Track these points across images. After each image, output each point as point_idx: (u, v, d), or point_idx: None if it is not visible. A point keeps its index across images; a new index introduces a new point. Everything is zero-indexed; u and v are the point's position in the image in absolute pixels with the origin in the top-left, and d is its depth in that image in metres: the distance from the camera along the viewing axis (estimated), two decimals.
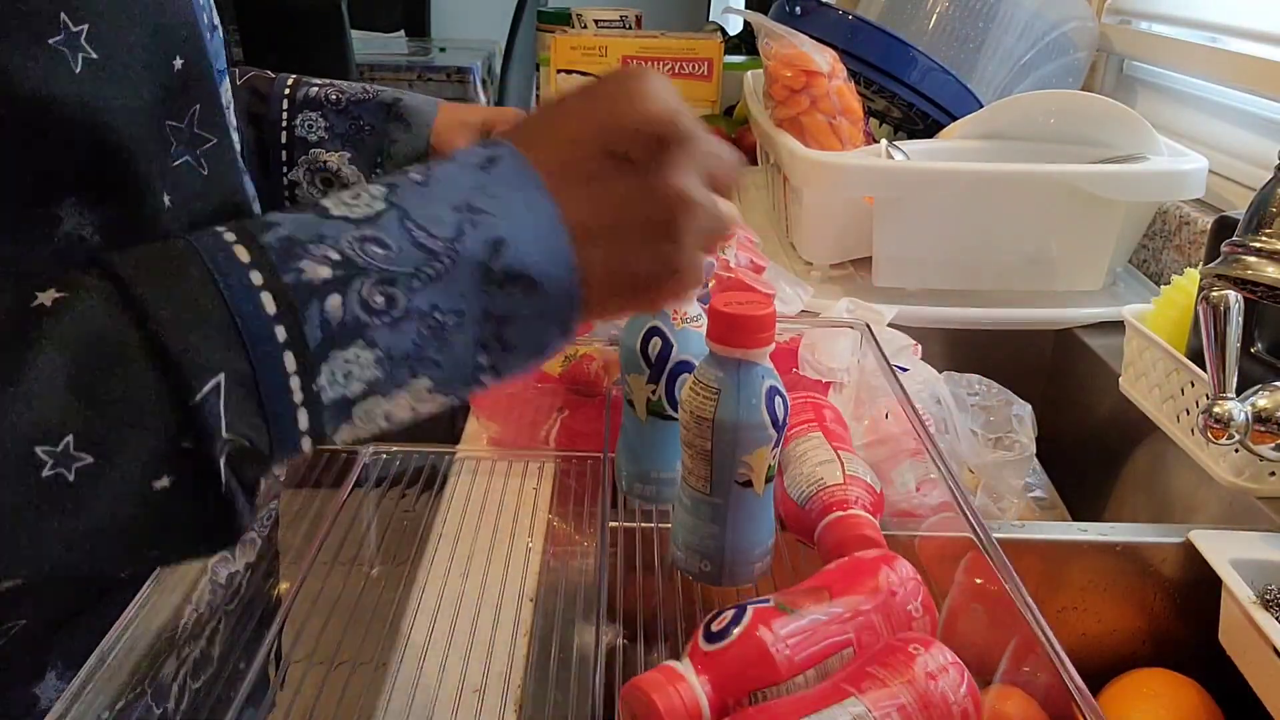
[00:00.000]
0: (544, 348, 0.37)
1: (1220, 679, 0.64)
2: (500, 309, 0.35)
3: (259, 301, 0.32)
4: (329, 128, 0.76)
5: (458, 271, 0.34)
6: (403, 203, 0.35)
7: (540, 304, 0.36)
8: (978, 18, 1.22)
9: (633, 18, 1.94)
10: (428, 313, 0.34)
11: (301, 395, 0.33)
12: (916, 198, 1.00)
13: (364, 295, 0.33)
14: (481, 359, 0.36)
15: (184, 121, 0.47)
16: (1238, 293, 0.62)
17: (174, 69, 0.45)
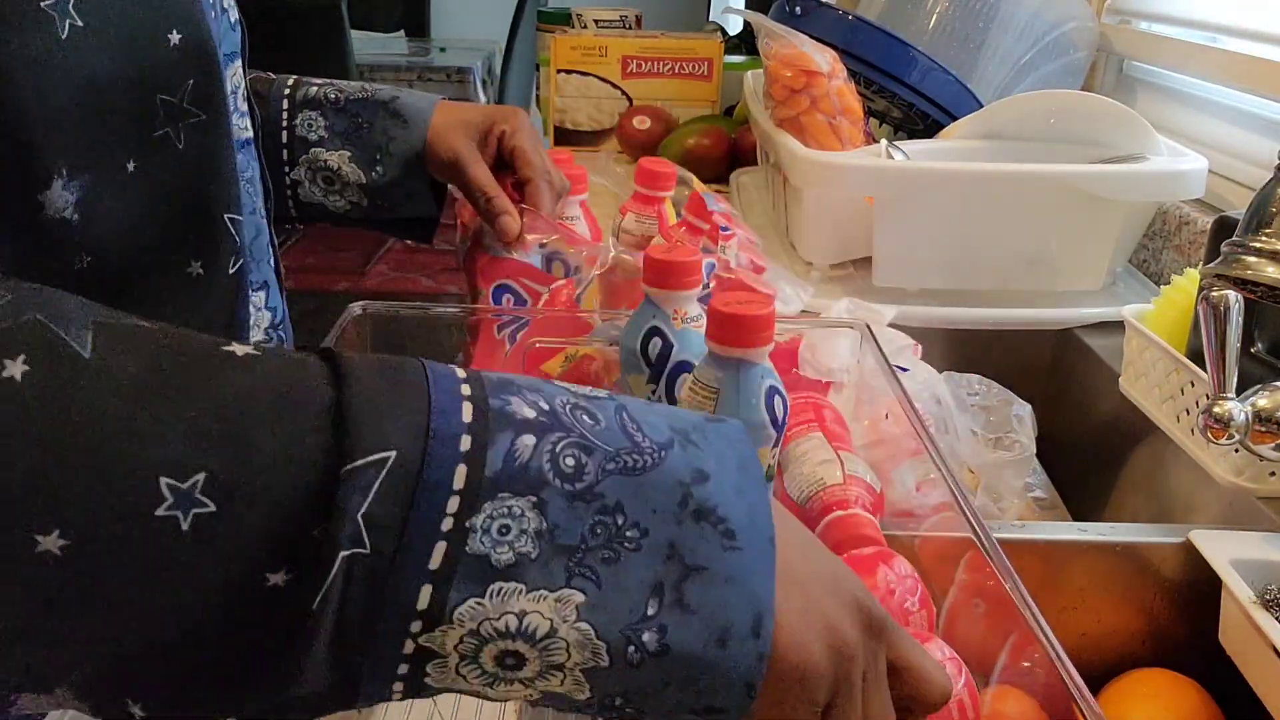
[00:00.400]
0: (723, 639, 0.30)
1: (1220, 679, 0.64)
2: (688, 550, 0.30)
3: (459, 407, 0.29)
4: (329, 126, 0.76)
5: (656, 477, 0.31)
6: (625, 402, 0.33)
7: (731, 565, 0.30)
8: (978, 18, 1.22)
9: (633, 18, 1.93)
10: (610, 508, 0.30)
11: (452, 522, 0.28)
12: (916, 198, 1.00)
13: (556, 450, 0.30)
14: (650, 607, 0.29)
15: (176, 95, 0.46)
16: (1238, 293, 0.62)
17: (170, 43, 0.45)
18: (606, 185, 1.05)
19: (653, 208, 0.88)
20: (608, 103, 1.65)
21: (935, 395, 0.77)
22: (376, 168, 0.77)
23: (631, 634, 0.29)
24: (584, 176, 0.90)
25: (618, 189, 1.03)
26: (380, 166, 0.77)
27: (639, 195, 0.89)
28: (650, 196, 0.89)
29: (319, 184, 0.78)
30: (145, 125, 0.46)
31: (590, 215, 0.91)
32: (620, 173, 1.05)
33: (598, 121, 1.67)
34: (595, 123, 1.67)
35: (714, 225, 0.78)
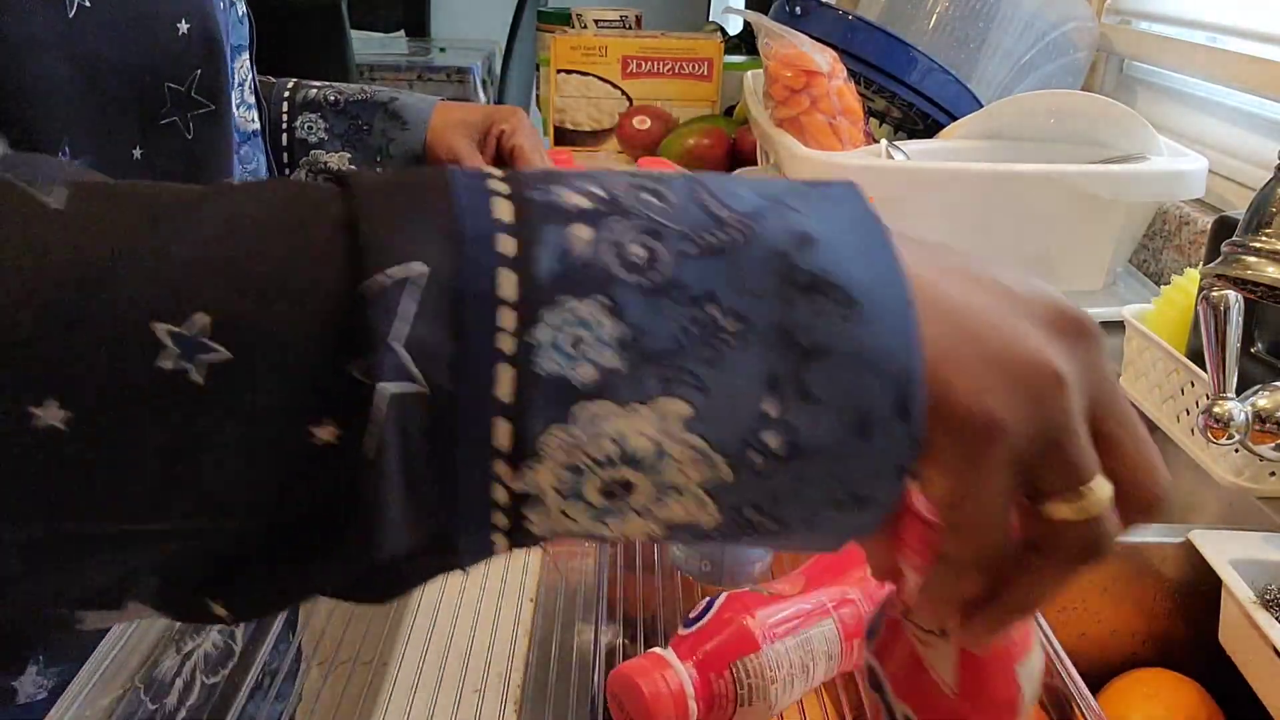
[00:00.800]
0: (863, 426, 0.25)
1: (1220, 679, 0.64)
2: (804, 328, 0.25)
3: (490, 205, 0.24)
4: (328, 129, 0.76)
5: (749, 252, 0.25)
6: (700, 175, 0.28)
7: (859, 338, 0.25)
8: (978, 18, 1.22)
9: (633, 18, 1.94)
10: (700, 297, 0.24)
11: (513, 342, 0.23)
12: (916, 198, 1.00)
13: (622, 240, 0.24)
14: (768, 406, 0.25)
15: (184, 85, 0.47)
16: (1238, 293, 0.62)
17: (179, 32, 0.45)
18: None
19: None
20: (608, 103, 1.65)
21: None
22: (376, 170, 0.78)
23: (752, 439, 0.25)
24: None
25: None
26: (380, 168, 0.78)
27: None
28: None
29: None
30: (152, 111, 0.46)
31: None
32: None
33: (598, 121, 1.67)
34: (595, 123, 1.67)
35: None
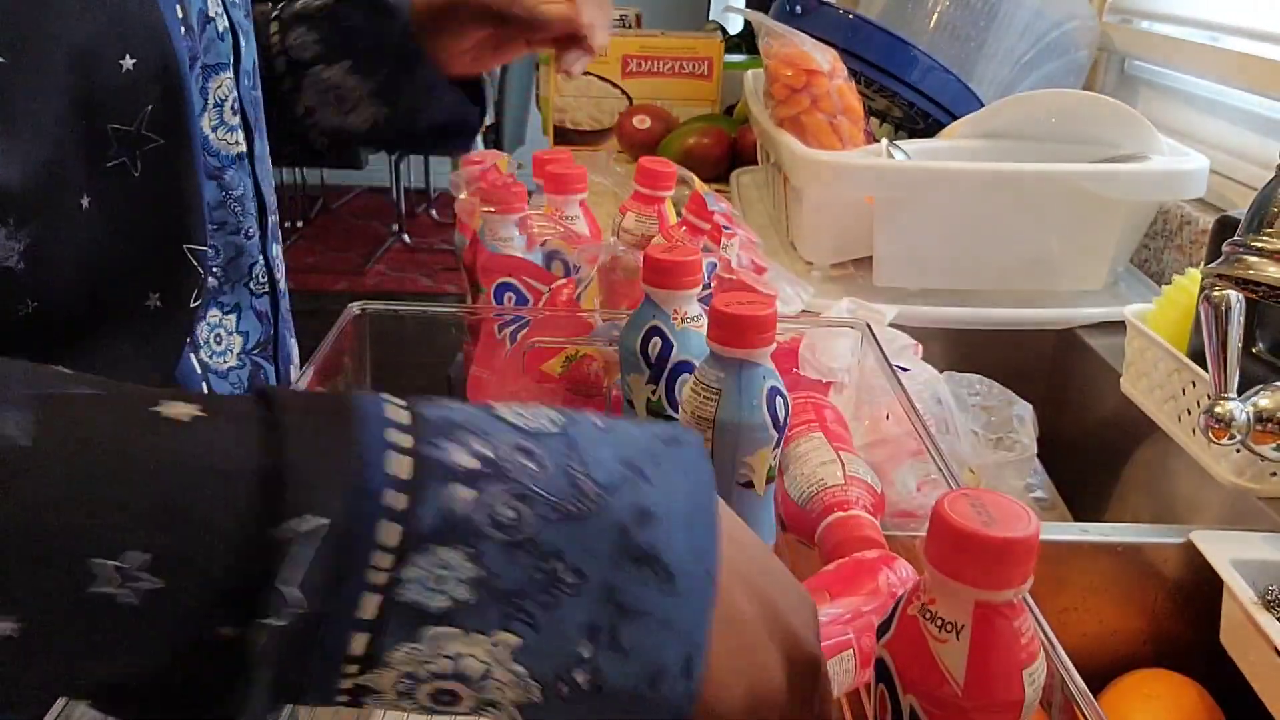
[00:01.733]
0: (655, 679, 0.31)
1: (1221, 680, 0.64)
2: (625, 594, 0.30)
3: (386, 462, 0.29)
4: (321, 39, 0.71)
5: (597, 523, 0.30)
6: (575, 435, 0.32)
7: (668, 608, 0.31)
8: (979, 17, 1.22)
9: (633, 17, 1.93)
10: (548, 554, 0.30)
11: (385, 577, 0.28)
12: (917, 197, 0.99)
13: (494, 504, 0.29)
14: (584, 649, 0.30)
15: (133, 124, 0.44)
16: (1239, 292, 0.61)
17: (122, 69, 0.42)
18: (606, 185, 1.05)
19: (653, 207, 0.88)
20: (608, 102, 1.65)
21: (936, 395, 0.77)
22: (378, 72, 0.71)
23: (565, 674, 0.30)
24: (584, 176, 0.90)
25: (618, 188, 1.03)
26: (383, 68, 0.71)
27: (639, 195, 0.89)
28: (650, 196, 0.88)
29: (331, 104, 0.73)
30: (97, 157, 0.43)
31: (590, 215, 0.91)
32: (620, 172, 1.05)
33: (598, 121, 1.67)
34: (595, 122, 1.67)
35: (715, 225, 0.77)
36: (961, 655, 0.36)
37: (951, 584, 0.35)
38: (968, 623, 0.35)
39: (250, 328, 0.58)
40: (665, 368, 0.61)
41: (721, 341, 0.53)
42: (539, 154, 0.96)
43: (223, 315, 0.56)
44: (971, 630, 0.35)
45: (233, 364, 0.57)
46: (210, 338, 0.55)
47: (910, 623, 0.37)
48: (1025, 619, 0.36)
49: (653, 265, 0.60)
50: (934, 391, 0.77)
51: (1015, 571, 0.35)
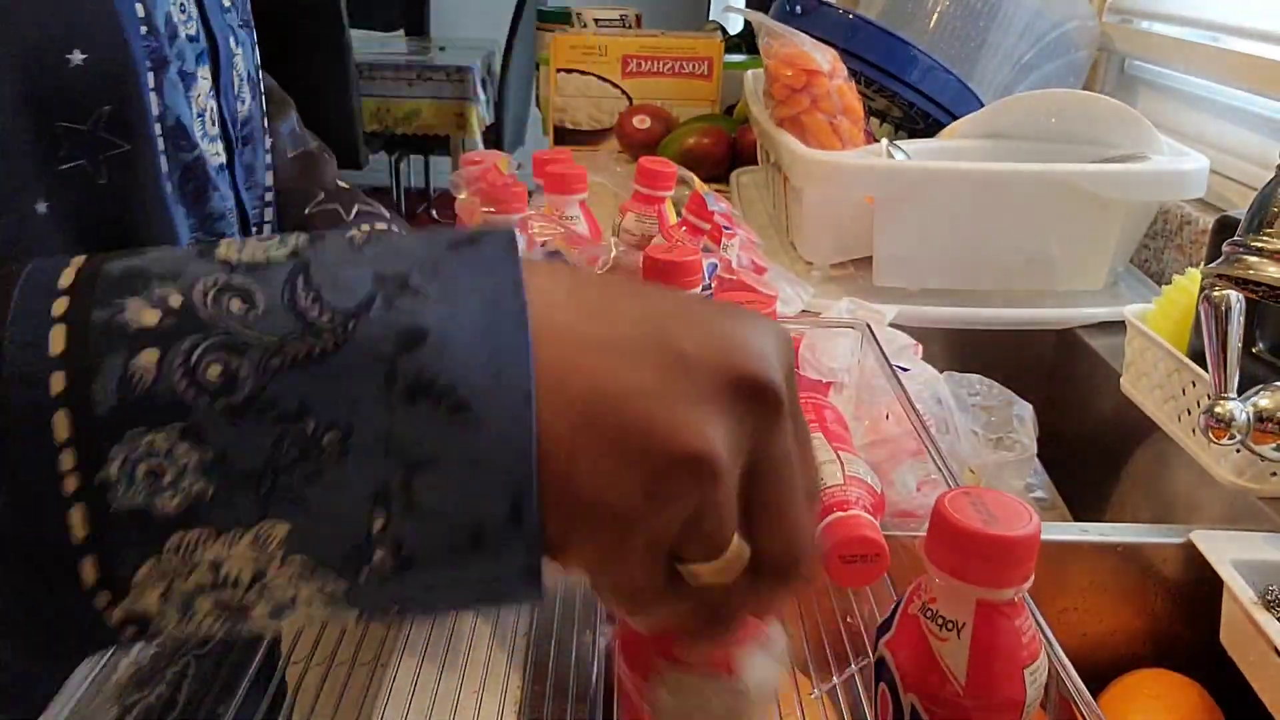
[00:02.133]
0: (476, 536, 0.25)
1: (1221, 680, 0.64)
2: (409, 438, 0.24)
3: (44, 334, 0.24)
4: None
5: (344, 359, 0.24)
6: (312, 258, 0.26)
7: (469, 445, 0.24)
8: (979, 17, 1.22)
9: (633, 17, 1.93)
10: (289, 412, 0.23)
11: (77, 482, 0.23)
12: (917, 197, 0.99)
13: (192, 361, 0.23)
14: (376, 521, 0.24)
15: (86, 123, 0.42)
16: (1239, 292, 0.61)
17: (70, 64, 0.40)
18: (606, 185, 1.05)
19: (653, 207, 0.88)
20: (608, 102, 1.65)
21: (936, 395, 0.77)
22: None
23: (359, 554, 0.24)
24: (584, 176, 0.90)
25: (618, 188, 1.03)
26: None
27: (639, 195, 0.89)
28: (650, 196, 0.89)
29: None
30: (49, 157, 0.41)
31: (590, 215, 0.91)
32: (620, 172, 1.05)
33: (598, 121, 1.67)
34: (595, 122, 1.67)
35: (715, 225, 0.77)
36: (963, 654, 0.36)
37: (953, 582, 0.35)
38: (969, 621, 0.35)
39: None
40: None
41: None
42: (539, 154, 0.96)
43: None
44: (973, 629, 0.35)
45: None
46: None
47: (911, 621, 0.37)
48: (1026, 618, 0.36)
49: (652, 265, 0.60)
50: (934, 391, 0.77)
51: (1016, 570, 0.35)
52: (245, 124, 0.58)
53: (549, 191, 0.89)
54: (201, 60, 0.52)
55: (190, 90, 0.50)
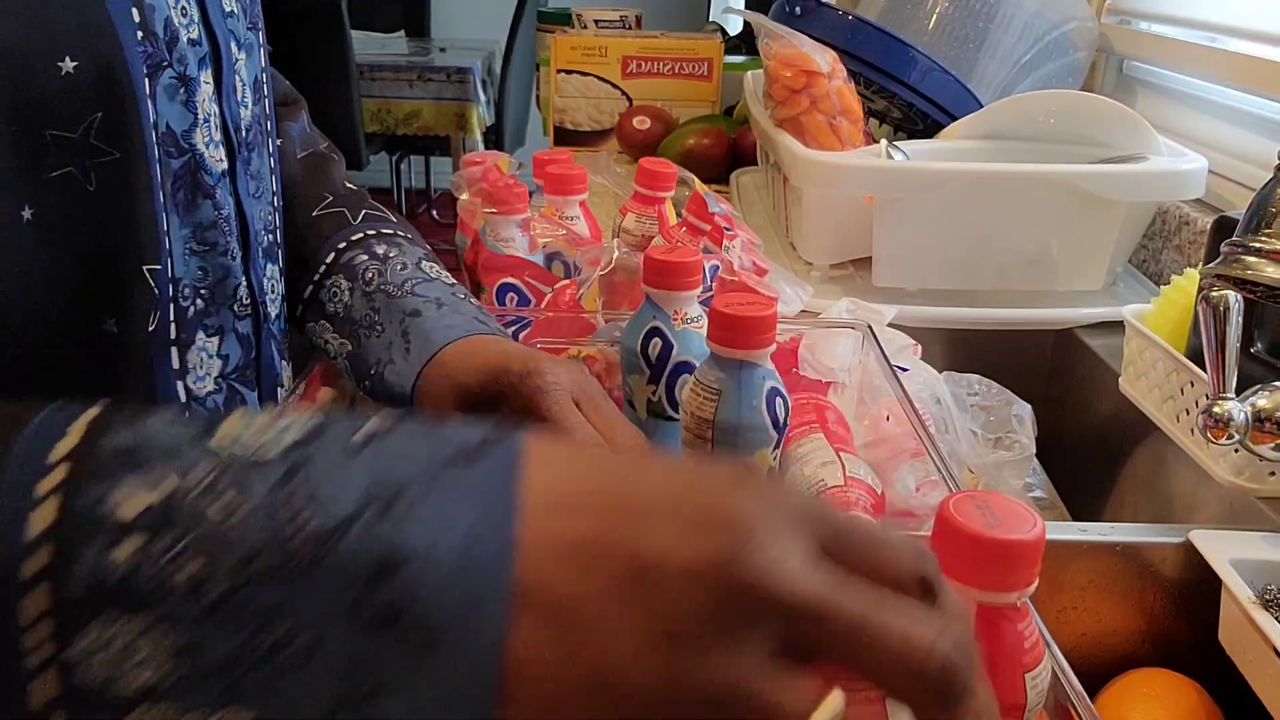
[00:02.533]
0: None
1: (1220, 679, 0.64)
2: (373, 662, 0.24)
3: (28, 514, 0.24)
4: (347, 307, 0.64)
5: (322, 576, 0.24)
6: (306, 460, 0.26)
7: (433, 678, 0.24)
8: (978, 18, 1.22)
9: (633, 18, 1.93)
10: (263, 614, 0.24)
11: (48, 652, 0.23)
12: (916, 198, 1.00)
13: (165, 560, 0.24)
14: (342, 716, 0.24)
15: (76, 130, 0.41)
16: (1237, 293, 0.62)
17: (61, 71, 0.40)
18: (607, 185, 1.06)
19: (653, 208, 0.88)
20: (608, 103, 1.65)
21: (935, 395, 0.77)
22: (365, 382, 0.62)
23: None
24: (584, 176, 0.90)
25: (618, 189, 1.03)
26: (369, 382, 0.62)
27: (639, 195, 0.89)
28: (651, 197, 0.89)
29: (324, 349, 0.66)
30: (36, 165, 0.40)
31: (590, 215, 0.91)
32: (620, 173, 1.05)
33: (598, 121, 1.67)
34: (595, 123, 1.67)
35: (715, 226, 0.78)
36: None
37: (954, 586, 0.35)
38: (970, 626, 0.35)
39: (231, 351, 0.56)
40: (665, 368, 0.61)
41: (721, 342, 0.53)
42: (539, 154, 0.96)
43: (206, 338, 0.54)
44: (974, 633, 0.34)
45: (210, 388, 0.55)
46: (196, 362, 0.54)
47: None
48: (1029, 622, 0.36)
49: (653, 266, 0.60)
50: (933, 391, 0.77)
51: (1019, 574, 0.35)
52: (250, 129, 0.58)
53: (549, 192, 0.89)
54: (204, 65, 0.51)
55: (194, 95, 0.49)
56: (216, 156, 0.52)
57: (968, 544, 0.34)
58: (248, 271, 0.57)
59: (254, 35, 0.59)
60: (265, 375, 0.60)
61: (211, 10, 0.52)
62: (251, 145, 0.58)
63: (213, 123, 0.52)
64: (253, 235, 0.57)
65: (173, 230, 0.50)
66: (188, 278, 0.52)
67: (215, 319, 0.54)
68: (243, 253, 0.56)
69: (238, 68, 0.56)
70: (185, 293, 0.52)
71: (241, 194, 0.56)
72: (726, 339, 0.53)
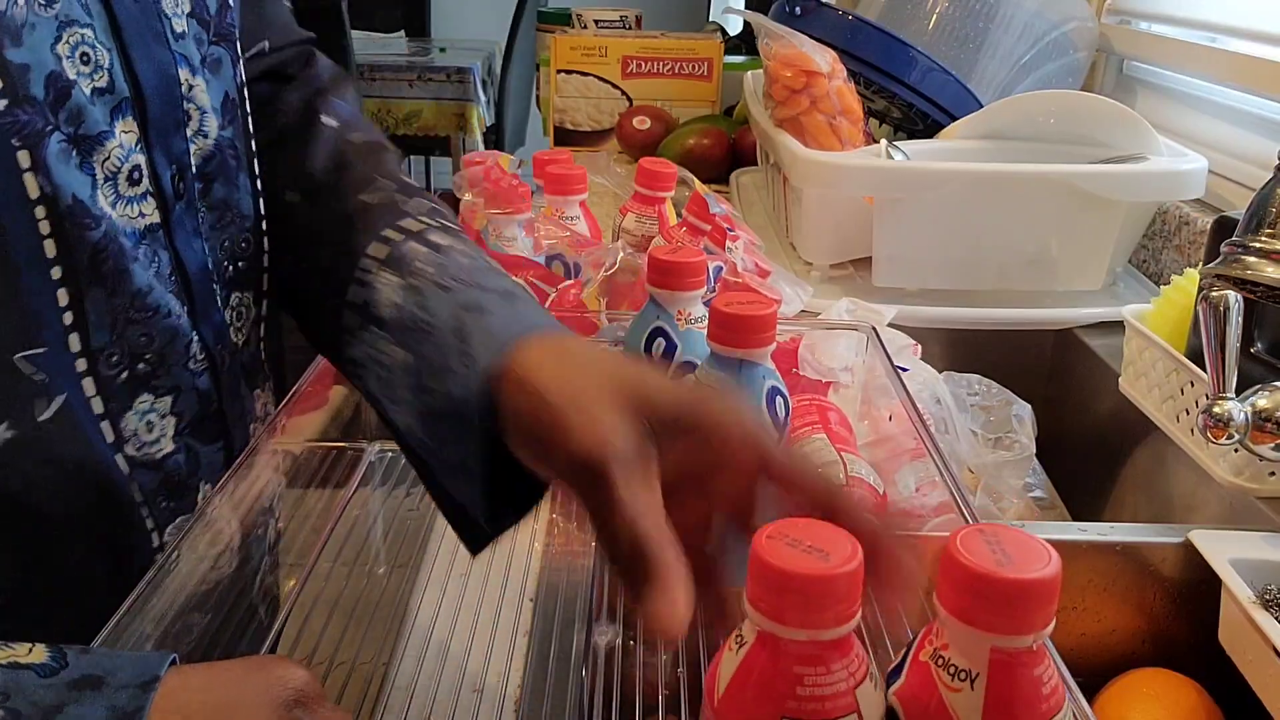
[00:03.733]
0: None
1: (1220, 679, 0.64)
2: None
3: None
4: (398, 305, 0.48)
5: None
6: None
7: None
8: (978, 18, 1.23)
9: (633, 18, 1.93)
10: None
11: None
12: (916, 198, 1.00)
13: None
14: None
15: None
16: (1237, 293, 0.62)
17: None
18: (607, 185, 1.06)
19: (653, 208, 0.88)
20: (608, 103, 1.65)
21: (935, 395, 0.77)
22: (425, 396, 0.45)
23: None
24: (584, 176, 0.90)
25: (618, 189, 1.03)
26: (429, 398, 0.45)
27: (639, 195, 0.89)
28: (651, 197, 0.89)
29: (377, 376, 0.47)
30: None
31: (590, 215, 0.91)
32: (620, 173, 1.05)
33: (598, 121, 1.67)
34: (595, 123, 1.67)
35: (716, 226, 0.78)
36: (976, 706, 0.32)
37: (965, 629, 0.32)
38: (983, 671, 0.32)
39: (187, 408, 0.52)
40: (669, 368, 0.61)
41: (722, 341, 0.53)
42: (539, 154, 0.96)
43: (155, 399, 0.50)
44: (987, 679, 0.32)
45: (168, 449, 0.52)
46: (140, 427, 0.50)
47: (922, 669, 0.34)
48: (1047, 666, 0.33)
49: (657, 266, 0.60)
50: (933, 391, 0.77)
51: (1035, 615, 0.32)
52: (213, 158, 0.53)
53: (549, 192, 0.89)
54: (121, 113, 0.46)
55: (92, 155, 0.44)
56: (134, 213, 0.47)
57: (978, 585, 0.32)
58: (197, 326, 0.52)
59: (223, 49, 0.53)
60: (234, 424, 0.56)
61: (134, 47, 0.46)
62: (213, 175, 0.53)
63: (123, 175, 0.46)
64: (195, 285, 0.52)
65: (94, 304, 0.45)
66: (120, 348, 0.48)
67: (166, 379, 0.51)
68: (189, 305, 0.51)
69: (192, 95, 0.50)
70: (113, 361, 0.48)
71: (180, 245, 0.50)
72: (727, 338, 0.53)
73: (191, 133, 0.51)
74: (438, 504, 0.49)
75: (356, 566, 0.66)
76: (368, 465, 0.75)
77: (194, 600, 0.51)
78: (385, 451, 0.76)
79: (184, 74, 0.50)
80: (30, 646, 0.33)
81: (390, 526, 0.71)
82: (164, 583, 0.48)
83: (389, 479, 0.74)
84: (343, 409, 0.75)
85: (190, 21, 0.50)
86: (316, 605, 0.61)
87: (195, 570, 0.51)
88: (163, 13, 0.48)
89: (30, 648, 0.33)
